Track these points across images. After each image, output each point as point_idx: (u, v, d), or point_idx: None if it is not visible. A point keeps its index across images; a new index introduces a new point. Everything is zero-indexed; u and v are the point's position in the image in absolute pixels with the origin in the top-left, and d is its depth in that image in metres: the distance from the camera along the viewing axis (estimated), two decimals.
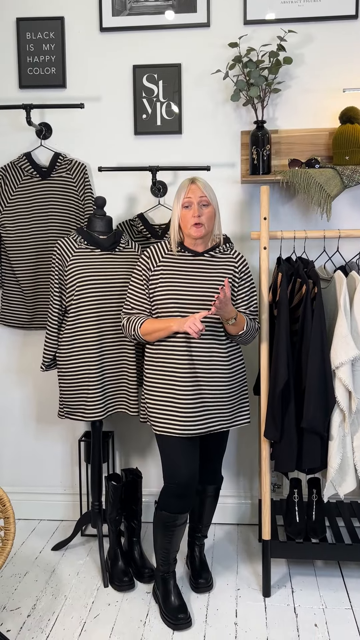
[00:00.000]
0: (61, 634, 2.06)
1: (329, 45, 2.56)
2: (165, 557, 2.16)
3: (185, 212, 2.06)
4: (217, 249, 2.14)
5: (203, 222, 2.05)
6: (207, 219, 2.06)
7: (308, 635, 2.05)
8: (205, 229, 2.06)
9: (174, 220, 2.11)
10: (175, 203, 2.10)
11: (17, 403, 2.88)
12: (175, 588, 2.18)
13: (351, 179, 2.37)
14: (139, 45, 2.64)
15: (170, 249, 2.14)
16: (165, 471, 2.12)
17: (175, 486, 2.08)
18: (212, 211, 2.08)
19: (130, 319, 2.12)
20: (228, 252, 2.16)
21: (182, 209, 2.07)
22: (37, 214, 2.63)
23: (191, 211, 2.05)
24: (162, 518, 2.11)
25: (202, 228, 2.05)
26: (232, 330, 2.05)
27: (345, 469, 2.19)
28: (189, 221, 2.05)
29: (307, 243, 2.57)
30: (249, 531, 2.77)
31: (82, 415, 2.33)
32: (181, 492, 2.08)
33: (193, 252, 2.12)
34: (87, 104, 2.69)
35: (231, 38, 2.58)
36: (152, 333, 2.06)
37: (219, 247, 2.15)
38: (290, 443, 2.16)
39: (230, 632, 2.07)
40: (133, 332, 2.10)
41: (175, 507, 2.10)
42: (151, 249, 2.17)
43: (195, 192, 2.05)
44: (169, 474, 2.11)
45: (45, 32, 2.65)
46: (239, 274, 2.14)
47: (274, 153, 2.58)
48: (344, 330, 2.12)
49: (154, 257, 2.14)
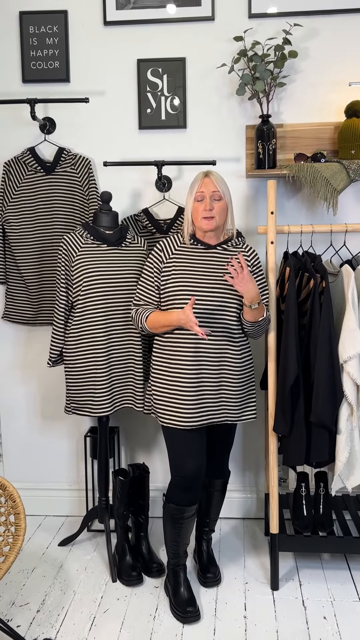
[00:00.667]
0: (71, 628, 2.07)
1: (335, 38, 2.55)
2: (175, 550, 2.17)
3: (198, 205, 2.08)
4: (229, 242, 2.15)
5: (214, 215, 2.06)
6: (219, 212, 2.07)
7: (317, 628, 2.07)
8: (216, 222, 2.07)
9: (187, 213, 2.13)
10: (188, 196, 2.11)
11: (22, 399, 2.87)
12: (185, 581, 2.19)
13: (357, 173, 2.37)
14: (143, 39, 2.62)
15: (184, 241, 2.15)
16: (172, 464, 2.13)
17: (181, 479, 2.09)
18: (224, 205, 2.09)
19: (138, 311, 2.16)
20: (240, 246, 2.18)
21: (194, 202, 2.08)
22: (41, 209, 2.62)
23: (203, 204, 2.06)
24: (170, 511, 2.12)
25: (213, 221, 2.07)
26: (252, 317, 2.05)
27: (353, 462, 2.19)
28: (200, 214, 2.06)
29: (313, 237, 2.57)
30: (255, 525, 2.78)
31: (90, 411, 2.33)
32: (188, 485, 2.09)
33: (206, 245, 2.13)
34: (91, 99, 2.67)
35: (236, 32, 2.57)
36: (157, 328, 2.10)
37: (231, 240, 2.16)
38: (299, 437, 2.16)
39: (240, 626, 2.08)
40: (140, 324, 2.14)
41: (182, 500, 2.11)
42: (164, 241, 2.18)
43: (208, 185, 2.07)
44: (175, 466, 2.12)
45: (48, 26, 2.63)
46: (251, 267, 2.16)
47: (279, 147, 2.58)
48: (352, 324, 2.12)
49: (167, 249, 2.15)
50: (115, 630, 2.06)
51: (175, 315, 2.01)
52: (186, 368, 2.07)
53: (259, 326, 2.09)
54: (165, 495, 2.17)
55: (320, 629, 2.06)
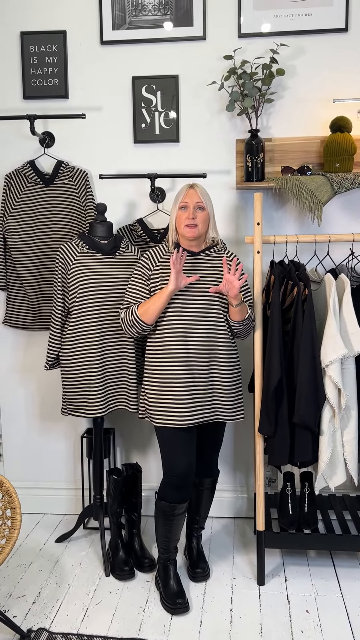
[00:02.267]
0: (65, 619, 2.17)
1: (320, 57, 2.67)
2: (165, 545, 2.28)
3: (181, 214, 2.21)
4: (212, 249, 2.29)
5: (197, 224, 2.19)
6: (201, 221, 2.21)
7: (300, 621, 2.16)
8: (198, 230, 2.21)
9: (171, 222, 2.26)
10: (173, 206, 2.25)
11: (22, 401, 2.99)
12: (175, 575, 2.29)
13: (341, 186, 2.47)
14: (138, 58, 2.75)
15: (169, 250, 2.27)
16: (165, 464, 2.24)
17: (174, 478, 2.20)
18: (207, 215, 2.22)
19: (125, 311, 2.25)
20: (222, 252, 2.32)
21: (178, 210, 2.21)
22: (40, 220, 2.74)
23: (186, 213, 2.20)
24: (162, 508, 2.23)
25: (196, 229, 2.20)
26: (238, 316, 2.19)
27: (335, 462, 2.29)
28: (183, 222, 2.20)
29: (299, 247, 2.68)
30: (245, 524, 2.88)
31: (85, 412, 2.44)
32: (180, 483, 2.20)
33: (190, 253, 2.25)
34: (89, 114, 2.80)
35: (226, 51, 2.69)
36: (149, 308, 2.16)
37: (214, 247, 2.29)
38: (283, 438, 2.27)
39: (226, 618, 2.18)
40: (131, 316, 2.20)
41: (174, 498, 2.22)
42: (150, 252, 2.30)
43: (192, 196, 2.20)
44: (168, 466, 2.23)
45: (48, 45, 2.76)
46: None
47: (267, 160, 2.69)
48: (333, 330, 2.22)
49: (153, 258, 2.28)
50: (106, 621, 2.17)
51: (165, 289, 2.13)
52: (178, 367, 2.18)
53: (245, 325, 2.22)
54: (158, 493, 2.28)
55: (303, 622, 2.15)
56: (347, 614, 2.19)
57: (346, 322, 2.27)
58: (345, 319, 2.27)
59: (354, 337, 2.24)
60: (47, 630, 2.09)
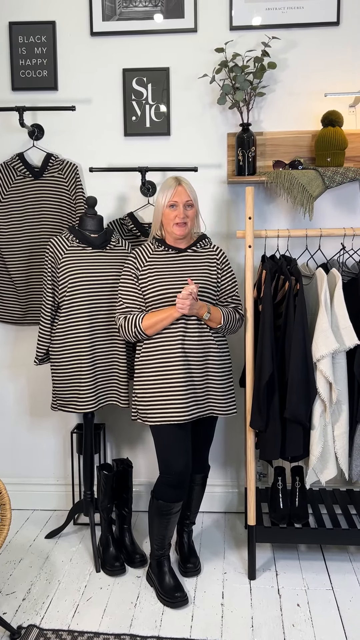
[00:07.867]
0: (55, 615, 2.16)
1: (312, 50, 2.65)
2: (161, 543, 2.28)
3: (170, 212, 2.19)
4: (198, 244, 2.27)
5: (187, 222, 2.19)
6: (190, 219, 2.21)
7: (291, 614, 2.16)
8: (188, 228, 2.21)
9: (156, 217, 2.24)
10: (159, 200, 2.21)
11: (11, 397, 2.96)
12: (170, 570, 2.29)
13: (332, 180, 2.47)
14: (128, 50, 2.72)
15: (155, 248, 2.25)
16: (162, 463, 2.22)
17: (171, 477, 2.19)
18: (195, 212, 2.23)
19: (127, 318, 2.21)
20: (208, 247, 2.31)
21: (166, 208, 2.19)
22: (29, 213, 2.71)
23: (176, 211, 2.18)
24: (158, 507, 2.22)
25: (186, 228, 2.20)
26: (212, 324, 2.19)
27: (326, 456, 2.29)
28: (173, 220, 2.18)
29: (290, 241, 2.67)
30: (236, 519, 2.88)
31: (75, 407, 2.42)
32: (177, 483, 2.19)
33: (177, 249, 2.24)
34: (78, 106, 2.77)
35: (217, 43, 2.67)
36: (155, 325, 2.16)
37: (199, 242, 2.28)
38: (274, 432, 2.26)
39: (217, 612, 2.18)
40: (134, 328, 2.18)
41: (170, 497, 2.20)
42: (137, 251, 2.29)
43: (181, 195, 2.18)
44: (165, 465, 2.21)
45: (37, 36, 2.73)
46: (220, 265, 2.29)
47: (259, 154, 2.68)
48: (324, 325, 2.22)
49: (141, 257, 2.26)
50: (97, 616, 2.16)
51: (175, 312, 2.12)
52: (175, 363, 2.16)
53: (223, 329, 2.23)
54: (154, 492, 2.26)
55: (294, 615, 2.16)
56: (338, 607, 2.20)
57: (337, 316, 2.26)
58: (336, 314, 2.27)
59: (345, 331, 2.24)
60: (38, 627, 2.08)
